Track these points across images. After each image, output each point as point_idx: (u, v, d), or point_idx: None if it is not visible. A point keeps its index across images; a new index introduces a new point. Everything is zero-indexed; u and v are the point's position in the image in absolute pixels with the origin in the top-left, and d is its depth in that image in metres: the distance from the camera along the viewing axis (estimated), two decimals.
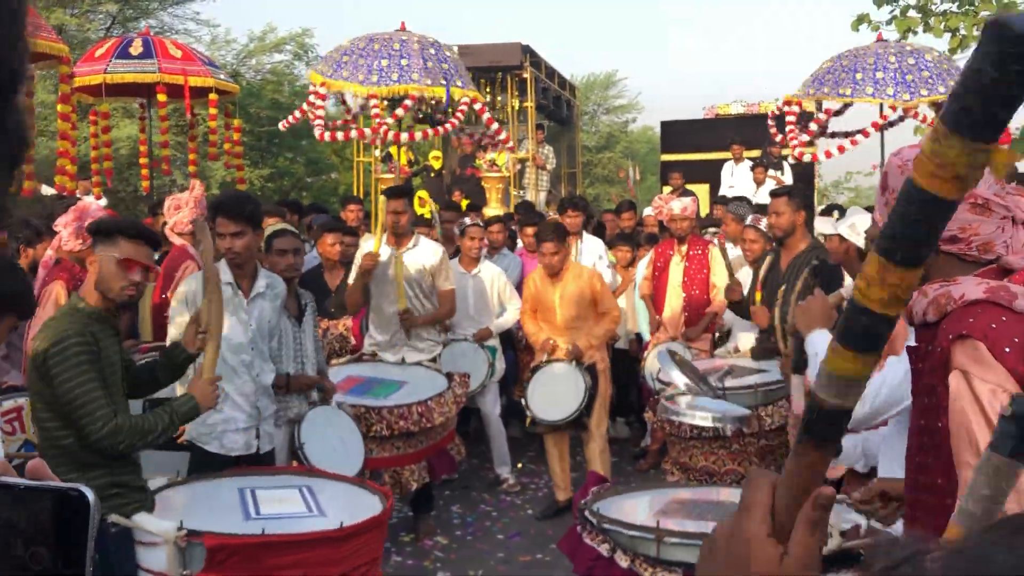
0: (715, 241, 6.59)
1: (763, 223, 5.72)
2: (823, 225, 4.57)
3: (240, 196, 4.03)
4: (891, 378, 2.11)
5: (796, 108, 9.10)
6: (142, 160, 9.25)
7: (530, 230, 7.40)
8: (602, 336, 5.56)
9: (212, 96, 8.48)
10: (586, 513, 2.83)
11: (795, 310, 2.31)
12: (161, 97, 8.22)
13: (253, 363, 3.69)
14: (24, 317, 2.56)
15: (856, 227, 4.11)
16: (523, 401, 5.49)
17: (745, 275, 5.92)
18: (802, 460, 0.74)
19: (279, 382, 3.98)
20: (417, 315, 5.27)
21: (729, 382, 4.58)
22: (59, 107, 7.06)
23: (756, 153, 11.70)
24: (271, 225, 5.75)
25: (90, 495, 0.57)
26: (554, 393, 5.36)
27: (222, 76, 8.90)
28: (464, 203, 9.71)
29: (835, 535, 2.39)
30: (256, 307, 3.76)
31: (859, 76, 8.33)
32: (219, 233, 3.65)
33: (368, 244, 5.36)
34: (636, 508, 3.06)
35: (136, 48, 8.36)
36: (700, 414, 4.34)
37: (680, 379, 4.29)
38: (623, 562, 2.65)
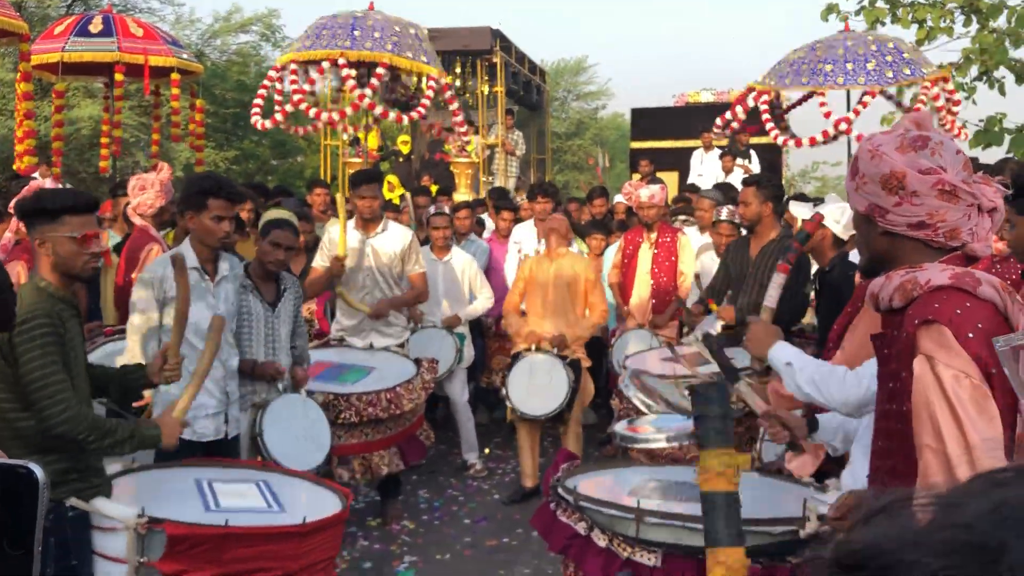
0: (683, 230, 6.62)
1: (723, 212, 5.80)
2: (799, 210, 4.58)
3: (224, 178, 3.95)
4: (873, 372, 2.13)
5: (768, 98, 9.14)
6: (103, 140, 9.04)
7: (507, 215, 7.38)
8: (590, 330, 5.54)
9: (174, 76, 8.31)
10: (560, 490, 2.82)
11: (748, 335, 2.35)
12: (118, 76, 8.03)
13: (222, 348, 3.65)
14: (3, 329, 2.44)
15: (834, 215, 4.13)
16: (503, 391, 5.45)
17: (710, 260, 5.98)
18: None
19: (244, 367, 3.93)
20: (386, 302, 5.22)
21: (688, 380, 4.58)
22: (20, 86, 6.87)
23: (724, 142, 11.75)
24: (270, 210, 5.68)
25: (39, 472, 0.53)
26: (536, 386, 5.33)
27: (185, 56, 8.72)
28: (434, 188, 9.65)
29: (812, 519, 2.41)
30: (222, 290, 3.71)
31: (828, 68, 8.39)
32: (217, 216, 3.58)
33: (334, 230, 5.30)
34: (608, 486, 3.05)
35: (96, 26, 8.15)
36: (655, 437, 4.25)
37: (638, 400, 4.29)
38: (601, 541, 2.65)
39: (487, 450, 6.54)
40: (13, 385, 2.62)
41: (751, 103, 9.21)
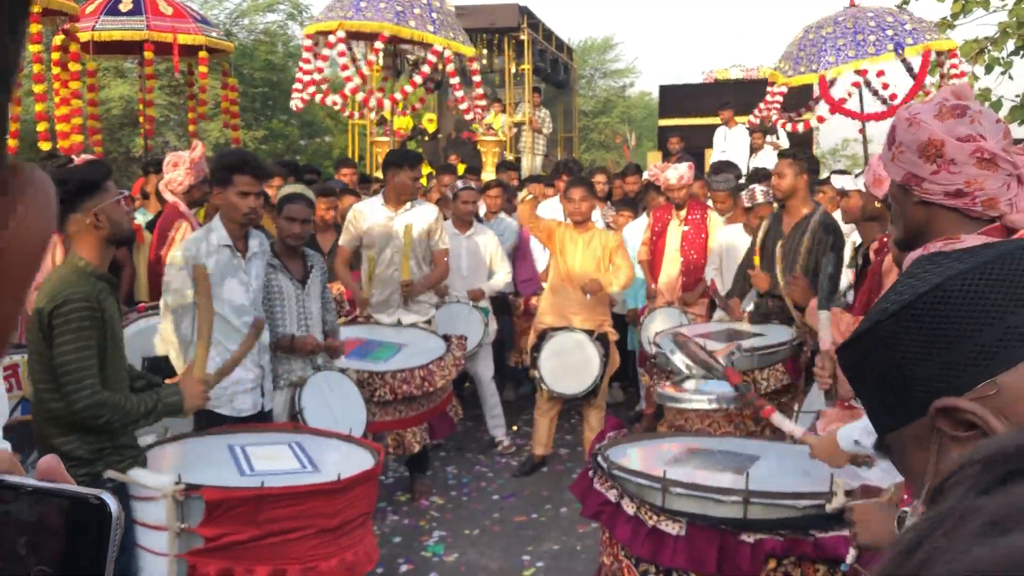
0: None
1: (758, 194, 5.67)
2: (842, 181, 4.51)
3: (250, 154, 3.98)
4: None
5: (783, 89, 8.95)
6: (140, 119, 9.09)
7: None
8: (623, 283, 5.44)
9: (202, 54, 8.34)
10: (599, 458, 2.88)
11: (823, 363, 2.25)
12: (148, 55, 8.08)
13: (280, 317, 3.72)
14: None
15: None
16: (536, 373, 5.44)
17: (732, 235, 5.91)
18: None
19: (282, 343, 3.97)
20: (417, 283, 5.26)
21: (719, 346, 4.57)
22: (71, 66, 6.90)
23: (747, 118, 11.62)
24: (284, 187, 5.72)
25: (113, 505, 0.48)
26: (568, 364, 5.35)
27: (214, 34, 8.73)
28: (461, 167, 9.65)
29: (840, 494, 2.40)
30: (253, 267, 3.75)
31: (840, 42, 8.30)
32: (242, 192, 3.59)
33: (359, 205, 5.35)
34: (647, 456, 3.08)
35: (126, 5, 8.18)
36: (697, 398, 4.26)
37: (682, 363, 4.27)
38: (629, 509, 2.69)
39: (515, 427, 6.57)
40: (48, 366, 2.67)
41: (783, 90, 9.03)
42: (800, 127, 9.06)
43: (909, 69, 8.78)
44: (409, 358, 4.84)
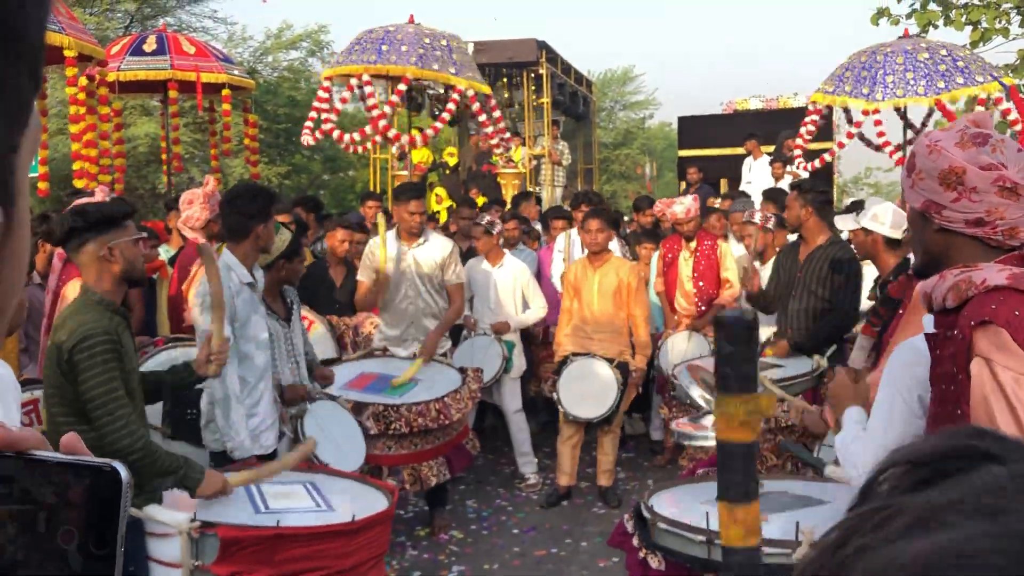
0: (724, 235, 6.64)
1: (757, 216, 5.87)
2: (843, 222, 4.52)
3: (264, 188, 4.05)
4: (874, 435, 1.93)
5: (823, 109, 8.82)
6: (163, 157, 9.27)
7: (559, 223, 7.39)
8: (644, 345, 5.56)
9: (225, 92, 8.49)
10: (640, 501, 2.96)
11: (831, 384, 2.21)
12: (172, 93, 8.23)
13: (272, 361, 3.73)
14: None
15: (879, 217, 4.06)
16: (554, 395, 5.54)
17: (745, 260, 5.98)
18: None
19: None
20: (429, 345, 5.15)
21: None
22: (99, 109, 7.11)
23: (771, 148, 11.61)
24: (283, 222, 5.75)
25: (123, 471, 0.55)
26: (586, 389, 5.44)
27: (236, 72, 8.88)
28: (481, 200, 9.69)
29: (805, 544, 2.32)
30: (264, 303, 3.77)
31: (890, 79, 8.10)
32: (275, 225, 3.74)
33: (373, 243, 5.35)
34: (686, 498, 3.04)
35: (150, 45, 8.37)
36: (713, 435, 4.22)
37: (700, 397, 4.23)
38: (635, 540, 2.79)
39: (536, 460, 6.51)
40: (71, 400, 2.68)
41: (822, 109, 8.88)
42: (817, 163, 8.94)
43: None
44: (424, 391, 4.84)
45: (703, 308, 6.24)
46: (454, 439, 4.97)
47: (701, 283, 6.23)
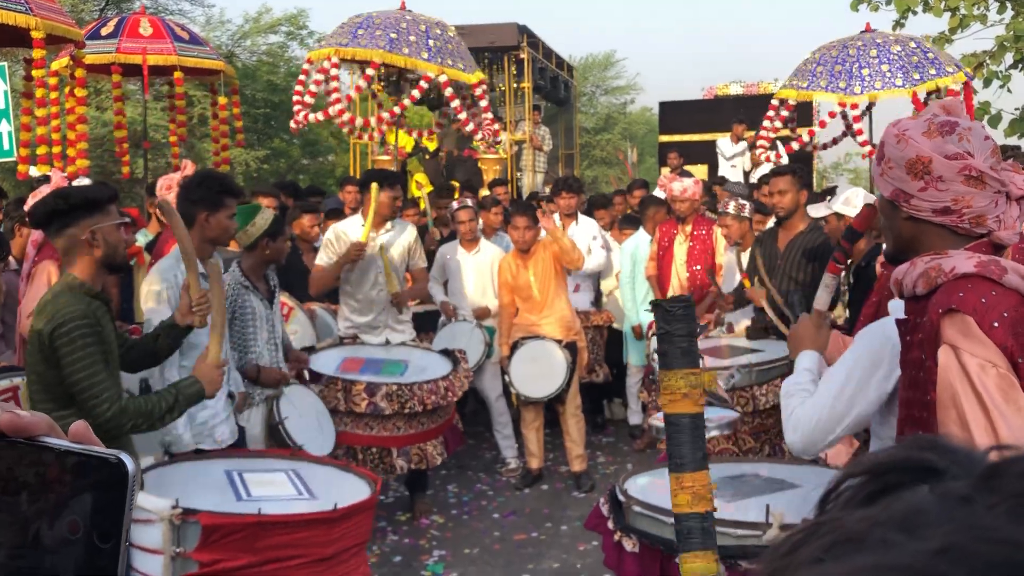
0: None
1: (747, 208, 5.76)
2: (815, 210, 4.55)
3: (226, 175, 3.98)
4: (821, 404, 1.97)
5: (791, 103, 8.82)
6: (123, 142, 9.13)
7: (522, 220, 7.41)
8: (572, 252, 5.58)
9: (177, 74, 8.37)
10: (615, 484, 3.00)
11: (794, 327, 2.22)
12: (115, 77, 8.17)
13: (224, 350, 3.68)
14: None
15: (851, 201, 4.11)
16: (506, 377, 5.70)
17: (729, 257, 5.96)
18: None
19: (250, 373, 3.91)
20: (405, 292, 5.30)
21: (720, 362, 4.57)
22: (77, 91, 7.01)
23: (752, 134, 11.66)
24: (268, 207, 5.72)
25: (129, 463, 0.53)
26: (536, 370, 5.59)
27: (194, 54, 8.66)
28: (455, 184, 9.68)
29: (775, 525, 2.39)
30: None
31: (866, 72, 8.10)
32: (231, 214, 3.51)
33: (338, 226, 5.32)
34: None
35: (108, 28, 8.28)
36: None
37: None
38: (611, 524, 2.84)
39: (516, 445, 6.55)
40: (52, 386, 2.66)
41: (783, 112, 8.87)
42: (795, 144, 8.98)
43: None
44: (421, 372, 4.90)
45: (692, 294, 6.24)
46: (449, 419, 5.07)
47: (696, 267, 6.21)
